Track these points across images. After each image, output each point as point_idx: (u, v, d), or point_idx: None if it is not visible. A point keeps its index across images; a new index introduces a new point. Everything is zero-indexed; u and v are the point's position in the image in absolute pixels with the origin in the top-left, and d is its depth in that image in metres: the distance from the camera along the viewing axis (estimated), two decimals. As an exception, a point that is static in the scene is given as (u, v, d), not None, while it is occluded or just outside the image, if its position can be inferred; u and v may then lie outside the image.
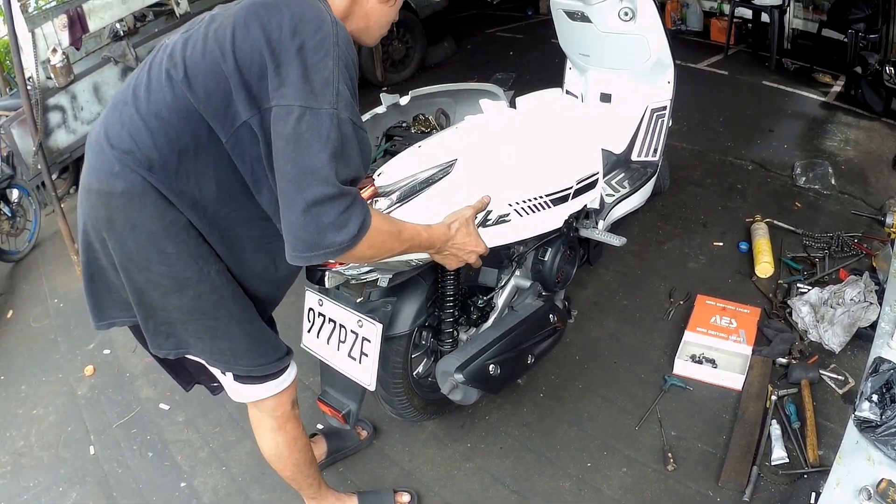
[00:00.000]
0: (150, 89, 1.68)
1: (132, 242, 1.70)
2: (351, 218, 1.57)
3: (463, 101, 3.10)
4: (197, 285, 1.74)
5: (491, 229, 2.29)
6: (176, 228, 1.69)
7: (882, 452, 1.99)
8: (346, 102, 1.60)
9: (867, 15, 5.53)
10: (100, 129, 1.73)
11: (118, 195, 1.66)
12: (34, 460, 3.13)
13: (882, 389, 2.13)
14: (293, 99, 1.55)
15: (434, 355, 2.63)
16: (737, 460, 2.50)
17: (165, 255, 1.70)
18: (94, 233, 1.76)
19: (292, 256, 1.59)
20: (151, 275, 1.72)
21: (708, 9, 7.51)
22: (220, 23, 1.67)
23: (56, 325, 4.20)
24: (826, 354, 2.94)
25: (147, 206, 1.66)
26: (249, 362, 1.90)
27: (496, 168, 2.33)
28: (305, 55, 1.56)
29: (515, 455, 2.71)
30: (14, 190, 5.26)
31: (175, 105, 1.64)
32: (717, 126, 5.24)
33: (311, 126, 1.54)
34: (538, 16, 8.50)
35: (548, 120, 2.73)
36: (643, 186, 3.24)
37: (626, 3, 3.01)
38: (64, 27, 4.89)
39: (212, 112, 1.64)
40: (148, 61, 1.76)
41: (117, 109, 1.72)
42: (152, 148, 1.64)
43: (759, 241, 3.61)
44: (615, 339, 3.22)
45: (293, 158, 1.54)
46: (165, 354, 1.90)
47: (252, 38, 1.60)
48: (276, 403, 2.07)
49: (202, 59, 1.63)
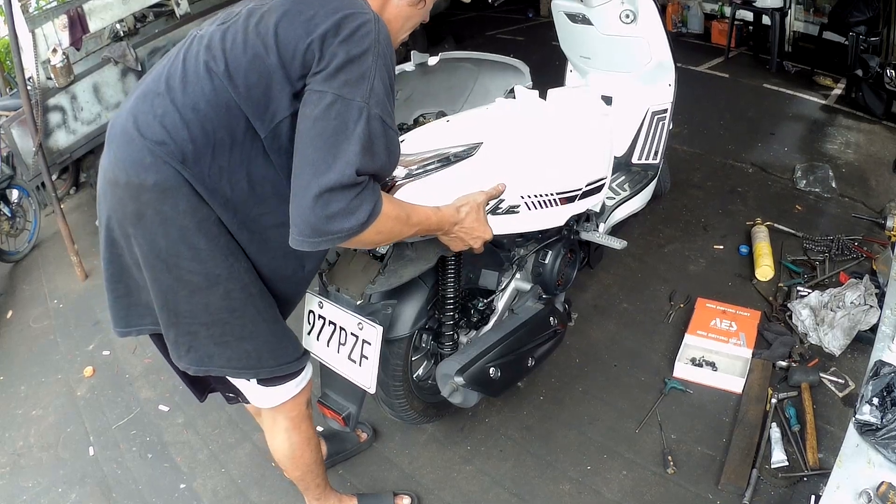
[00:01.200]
0: (187, 81, 1.64)
1: (162, 238, 1.65)
2: (362, 204, 1.57)
3: (486, 73, 3.11)
4: (227, 282, 1.71)
5: (499, 217, 2.29)
6: (208, 224, 1.66)
7: (882, 455, 2.00)
8: (379, 99, 1.59)
9: (868, 18, 5.53)
10: (126, 118, 1.67)
11: (149, 188, 1.61)
12: (33, 461, 3.13)
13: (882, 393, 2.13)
14: (328, 86, 1.55)
15: (434, 358, 2.63)
16: (737, 463, 2.50)
17: (196, 250, 1.66)
18: (120, 228, 1.71)
19: (297, 241, 1.58)
20: (180, 272, 1.68)
21: (709, 11, 7.52)
22: (261, 16, 1.65)
23: (56, 326, 4.20)
24: (826, 357, 2.94)
25: (180, 201, 1.62)
26: (273, 363, 1.87)
27: (518, 158, 2.34)
28: (347, 47, 1.56)
29: (515, 458, 2.71)
30: (14, 190, 5.26)
31: (214, 98, 1.61)
32: (718, 129, 5.24)
33: (340, 114, 1.54)
34: (539, 18, 8.52)
35: (573, 118, 2.73)
36: (644, 189, 3.24)
37: (628, 6, 3.01)
38: (64, 27, 4.87)
39: (252, 106, 1.62)
40: (180, 52, 1.72)
41: (148, 99, 1.66)
42: (187, 140, 1.60)
43: (760, 245, 3.61)
44: (615, 343, 3.22)
45: (315, 143, 1.54)
46: (185, 368, 1.85)
47: (295, 32, 1.58)
48: (294, 404, 2.06)
49: (243, 53, 1.61)
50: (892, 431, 2.00)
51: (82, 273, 4.62)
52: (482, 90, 3.31)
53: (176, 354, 1.83)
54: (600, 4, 3.00)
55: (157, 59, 5.22)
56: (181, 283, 1.70)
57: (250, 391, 2.00)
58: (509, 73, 3.18)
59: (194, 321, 1.75)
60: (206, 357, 1.81)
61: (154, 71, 1.76)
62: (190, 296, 1.71)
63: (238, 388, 2.04)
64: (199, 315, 1.74)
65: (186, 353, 1.81)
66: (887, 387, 2.14)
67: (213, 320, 1.75)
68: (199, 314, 1.74)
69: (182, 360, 1.82)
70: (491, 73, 3.13)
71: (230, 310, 1.74)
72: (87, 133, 4.99)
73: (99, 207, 1.78)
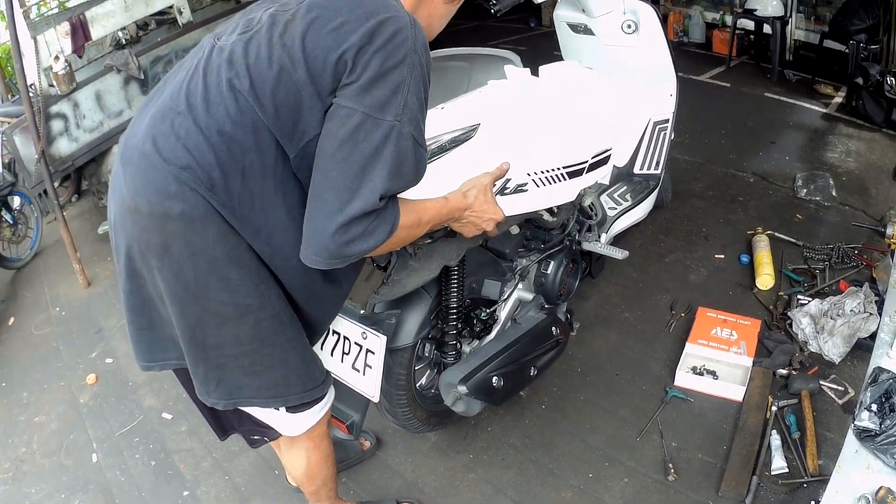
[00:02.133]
0: (209, 100, 1.51)
1: (190, 270, 1.54)
2: (380, 225, 1.51)
3: (479, 67, 3.11)
4: (258, 312, 1.62)
5: (508, 198, 2.29)
6: (239, 252, 1.56)
7: (881, 461, 2.01)
8: (412, 115, 1.51)
9: (868, 26, 5.55)
10: (144, 139, 1.54)
11: (175, 218, 1.50)
12: (36, 467, 3.13)
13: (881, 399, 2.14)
14: (357, 103, 1.46)
15: (437, 367, 2.64)
16: (737, 470, 2.50)
17: (227, 281, 1.56)
18: (142, 259, 1.59)
19: (311, 260, 1.52)
20: (209, 303, 1.58)
21: (710, 20, 7.54)
22: (285, 26, 1.53)
23: (58, 333, 4.20)
24: (826, 365, 2.95)
25: (209, 231, 1.52)
26: (301, 388, 1.79)
27: (518, 135, 2.34)
28: (381, 58, 1.46)
29: (518, 466, 2.72)
30: (16, 197, 5.26)
31: (240, 118, 1.50)
32: (719, 138, 5.26)
33: (369, 136, 1.46)
34: (541, 28, 8.53)
35: (569, 91, 2.74)
36: (645, 199, 3.25)
37: (630, 16, 3.03)
38: (66, 34, 4.89)
39: (280, 126, 1.51)
40: (199, 65, 1.59)
41: (167, 119, 1.53)
42: (214, 165, 1.49)
43: (760, 254, 3.63)
44: (617, 352, 3.23)
45: (342, 166, 1.46)
46: (213, 404, 1.75)
47: (324, 42, 1.48)
48: (316, 424, 1.99)
49: (269, 68, 1.50)
50: (890, 437, 2.01)
51: (85, 281, 4.63)
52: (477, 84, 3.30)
53: (205, 390, 1.73)
54: (602, 15, 3.01)
55: (159, 68, 5.29)
56: (210, 314, 1.60)
57: (279, 421, 1.91)
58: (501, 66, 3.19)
59: (223, 353, 1.66)
60: (235, 389, 1.72)
61: (171, 85, 1.62)
62: (219, 327, 1.62)
63: (265, 421, 1.93)
64: (229, 346, 1.65)
65: (216, 388, 1.71)
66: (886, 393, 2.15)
67: (243, 351, 1.66)
68: (228, 346, 1.65)
69: (211, 395, 1.73)
70: (484, 67, 3.14)
71: (260, 339, 1.65)
72: (90, 141, 5.00)
73: (115, 234, 1.66)
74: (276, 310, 1.65)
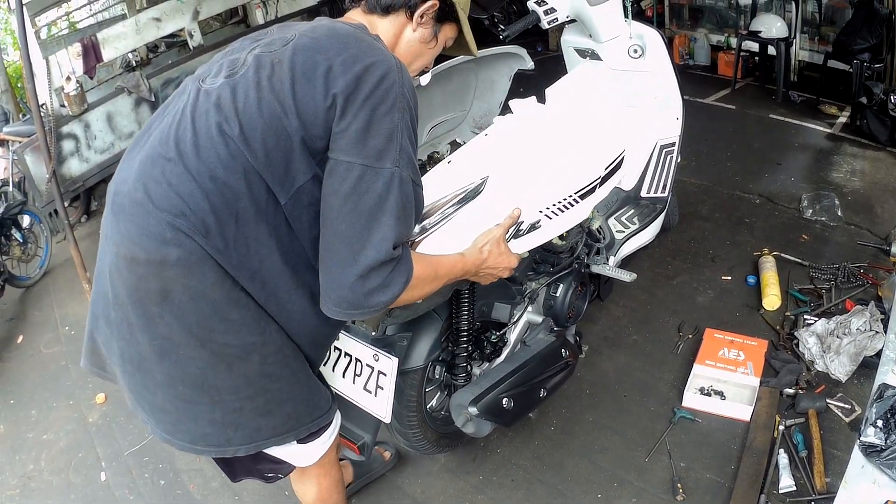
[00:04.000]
0: (199, 145, 1.50)
1: (192, 314, 1.53)
2: (396, 276, 1.53)
3: (485, 66, 3.15)
4: (261, 349, 1.60)
5: (522, 239, 2.32)
6: (235, 293, 1.55)
7: (887, 475, 2.02)
8: (408, 159, 1.53)
9: (872, 45, 5.56)
10: (135, 187, 1.53)
11: (172, 264, 1.49)
12: (44, 484, 3.15)
13: (887, 415, 2.16)
14: (355, 155, 1.47)
15: (447, 389, 2.65)
16: (745, 489, 2.51)
17: (229, 322, 1.55)
18: (142, 309, 1.54)
19: (333, 311, 1.55)
20: (215, 346, 1.56)
21: (715, 43, 7.55)
22: (272, 68, 1.53)
23: (67, 352, 4.21)
24: (833, 384, 2.96)
25: (207, 275, 1.51)
26: (309, 419, 1.78)
27: (527, 176, 2.35)
28: (372, 106, 1.48)
29: (527, 487, 2.73)
30: (26, 216, 5.30)
31: (231, 164, 1.49)
32: (725, 160, 5.27)
33: (371, 187, 1.48)
34: (548, 52, 8.52)
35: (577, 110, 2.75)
36: (653, 223, 3.26)
37: (636, 41, 3.05)
38: (78, 55, 4.95)
39: (271, 172, 1.51)
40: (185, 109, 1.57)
41: (157, 165, 1.52)
42: (208, 211, 1.48)
43: (767, 275, 3.64)
44: (625, 374, 3.24)
45: (349, 219, 1.48)
46: (235, 452, 1.70)
47: (315, 90, 1.48)
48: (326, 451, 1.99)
49: (259, 115, 1.49)
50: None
51: (94, 300, 4.65)
52: (487, 82, 3.34)
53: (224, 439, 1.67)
54: (609, 40, 3.04)
55: (170, 90, 5.34)
56: (217, 357, 1.58)
57: (292, 454, 1.89)
58: (509, 59, 3.21)
59: (238, 395, 1.63)
60: (254, 431, 1.68)
61: (157, 130, 1.61)
62: (229, 369, 1.59)
63: (279, 457, 1.89)
64: (242, 388, 1.62)
65: (235, 433, 1.66)
66: (891, 409, 2.17)
67: (256, 391, 1.64)
68: (241, 388, 1.62)
69: (232, 443, 1.67)
70: (491, 64, 3.16)
71: (268, 375, 1.64)
72: (101, 162, 5.06)
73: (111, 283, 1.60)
74: (278, 344, 1.65)
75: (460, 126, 3.43)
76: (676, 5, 8.02)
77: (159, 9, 5.34)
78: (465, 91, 3.31)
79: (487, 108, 3.40)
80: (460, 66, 2.95)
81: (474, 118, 3.40)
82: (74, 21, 7.15)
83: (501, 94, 3.38)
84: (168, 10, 5.38)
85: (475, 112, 3.41)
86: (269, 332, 1.62)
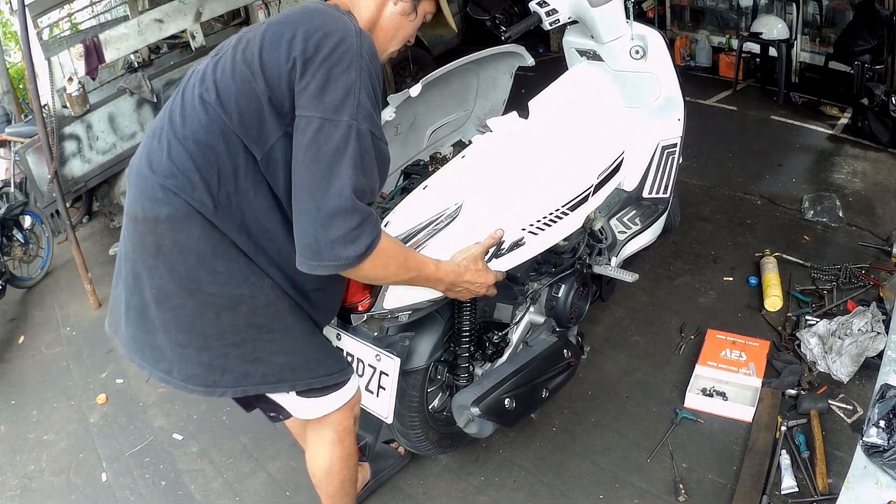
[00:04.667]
0: (185, 114, 1.71)
1: (181, 266, 1.70)
2: (362, 235, 1.61)
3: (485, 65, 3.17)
4: (250, 301, 1.75)
5: (504, 258, 2.31)
6: (224, 247, 1.71)
7: (890, 476, 2.02)
8: (367, 114, 1.64)
9: (873, 46, 5.55)
10: (141, 158, 1.76)
11: (163, 220, 1.68)
12: (45, 485, 3.15)
13: (889, 415, 2.16)
14: (314, 110, 1.60)
15: (449, 390, 2.65)
16: (747, 490, 2.50)
17: (216, 274, 1.71)
18: (143, 260, 1.75)
19: (300, 262, 1.64)
20: (203, 296, 1.72)
21: (717, 44, 7.54)
22: (247, 43, 1.71)
23: (68, 353, 4.23)
24: (835, 385, 2.95)
25: (193, 229, 1.68)
26: (308, 375, 1.90)
27: (506, 199, 2.34)
28: (329, 66, 1.61)
29: (529, 488, 2.73)
30: (27, 217, 5.31)
31: (210, 126, 1.67)
32: (727, 161, 5.27)
33: (330, 137, 1.59)
34: (549, 53, 8.52)
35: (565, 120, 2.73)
36: (654, 223, 3.25)
37: (637, 42, 3.04)
38: (80, 56, 4.94)
39: (245, 132, 1.67)
40: (181, 87, 1.80)
41: (156, 137, 1.75)
42: (192, 170, 1.66)
43: (769, 276, 3.63)
44: (627, 374, 3.23)
45: (311, 168, 1.59)
46: (222, 394, 1.85)
47: (278, 54, 1.63)
48: (341, 417, 2.08)
49: (232, 81, 1.67)
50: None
51: (95, 301, 4.65)
52: (489, 81, 3.34)
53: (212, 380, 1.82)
54: (610, 41, 3.03)
55: (171, 91, 5.33)
56: (205, 306, 1.74)
57: (290, 404, 2.01)
58: (509, 58, 3.21)
59: (224, 342, 1.78)
60: (241, 377, 1.83)
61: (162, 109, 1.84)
62: (216, 318, 1.75)
63: (279, 402, 2.04)
64: (228, 336, 1.77)
65: (221, 377, 1.81)
66: (893, 409, 2.17)
67: (243, 339, 1.78)
68: (227, 335, 1.77)
69: (219, 385, 1.83)
70: (491, 63, 3.16)
71: (257, 327, 1.78)
72: (102, 163, 5.05)
73: (121, 244, 1.85)
74: (269, 298, 1.78)
75: (465, 126, 3.43)
76: (678, 7, 8.02)
77: (161, 10, 5.33)
78: (466, 92, 3.31)
79: (491, 107, 3.40)
80: (460, 68, 2.96)
81: (478, 117, 3.40)
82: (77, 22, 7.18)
83: (504, 92, 3.38)
84: (170, 11, 5.38)
85: (479, 111, 3.41)
86: (261, 286, 1.77)
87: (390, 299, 2.12)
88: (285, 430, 3.11)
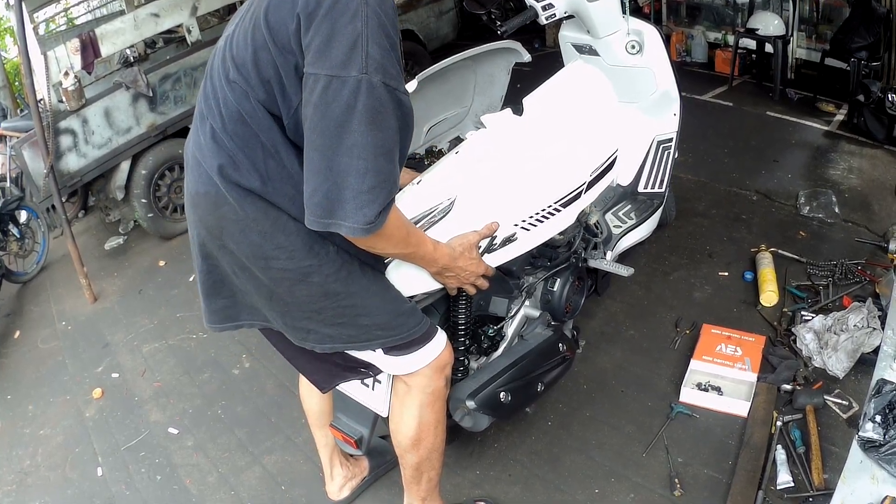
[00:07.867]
0: (218, 97, 1.73)
1: (246, 245, 1.74)
2: (374, 201, 1.57)
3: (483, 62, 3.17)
4: (319, 270, 1.77)
5: (496, 253, 2.30)
6: (282, 222, 1.73)
7: (886, 471, 2.02)
8: (378, 65, 1.54)
9: (869, 43, 5.55)
10: (190, 143, 1.83)
11: (222, 203, 1.73)
12: (40, 480, 3.16)
13: (885, 410, 2.16)
14: (320, 66, 1.53)
15: (444, 383, 2.65)
16: (743, 485, 2.51)
17: (280, 249, 1.73)
18: (212, 240, 1.81)
19: (308, 220, 1.61)
20: (272, 272, 1.76)
21: (713, 40, 7.54)
22: (254, 11, 1.67)
23: (64, 348, 4.23)
24: (830, 380, 2.96)
25: (248, 209, 1.71)
26: (392, 332, 1.91)
27: (499, 194, 2.33)
28: (332, 19, 1.52)
29: (524, 482, 2.73)
30: (23, 211, 5.31)
31: (241, 104, 1.68)
32: (723, 157, 5.27)
33: (338, 95, 1.52)
34: (545, 48, 8.51)
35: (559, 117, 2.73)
36: (650, 218, 3.25)
37: (634, 37, 3.04)
38: (76, 51, 4.93)
39: (271, 100, 1.66)
40: (208, 70, 1.81)
41: (199, 120, 1.80)
42: (236, 150, 1.69)
43: (764, 271, 3.64)
44: (622, 369, 3.24)
45: (320, 129, 1.55)
46: (312, 347, 1.91)
47: (282, 15, 1.58)
48: (429, 379, 2.06)
49: (246, 52, 1.65)
50: (894, 447, 2.03)
51: (91, 296, 4.65)
52: (486, 77, 3.34)
53: (299, 337, 1.90)
54: (607, 36, 3.03)
55: (168, 86, 5.38)
56: (277, 282, 1.78)
57: (380, 361, 2.02)
58: (506, 53, 3.22)
59: (303, 309, 1.83)
60: (326, 338, 1.89)
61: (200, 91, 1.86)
62: (290, 290, 1.79)
63: (366, 360, 2.05)
64: (305, 304, 1.82)
65: (307, 336, 1.89)
66: (889, 404, 2.17)
67: (322, 307, 1.82)
68: (304, 304, 1.82)
69: (307, 342, 1.90)
70: (488, 59, 3.17)
71: (333, 294, 1.80)
72: (98, 157, 5.02)
73: (189, 225, 1.91)
74: (338, 264, 1.79)
75: (463, 122, 3.43)
76: (674, 2, 8.00)
77: (157, 5, 5.30)
78: (464, 88, 3.31)
79: (489, 103, 3.40)
80: (457, 64, 2.95)
81: (476, 113, 3.40)
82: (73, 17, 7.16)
83: (501, 89, 3.38)
84: (166, 5, 5.36)
85: (477, 107, 3.41)
86: (326, 254, 1.77)
87: None
88: (281, 424, 3.13)
